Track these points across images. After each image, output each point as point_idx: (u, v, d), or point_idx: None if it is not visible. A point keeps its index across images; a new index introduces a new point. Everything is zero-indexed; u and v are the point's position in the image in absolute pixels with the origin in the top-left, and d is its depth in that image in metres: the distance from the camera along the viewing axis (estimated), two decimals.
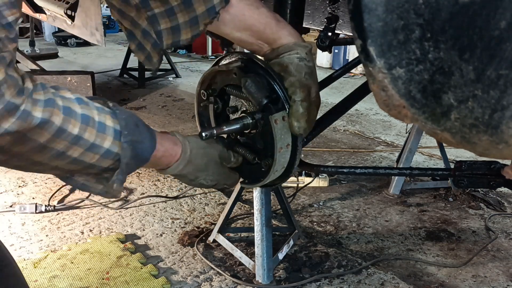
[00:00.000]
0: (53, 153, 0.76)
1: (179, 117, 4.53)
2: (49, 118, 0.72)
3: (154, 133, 0.92)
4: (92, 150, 0.79)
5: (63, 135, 0.75)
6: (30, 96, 0.71)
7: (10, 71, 0.69)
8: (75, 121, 0.76)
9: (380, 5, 0.70)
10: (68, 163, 0.79)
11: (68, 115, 0.75)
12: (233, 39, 1.04)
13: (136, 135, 0.85)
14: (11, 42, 0.71)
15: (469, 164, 1.32)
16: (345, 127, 4.37)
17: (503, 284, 2.12)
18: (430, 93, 0.73)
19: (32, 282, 1.98)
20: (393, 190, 2.98)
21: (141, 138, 0.87)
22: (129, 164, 0.85)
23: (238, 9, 0.97)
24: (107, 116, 0.81)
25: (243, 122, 1.06)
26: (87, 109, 0.78)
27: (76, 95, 0.79)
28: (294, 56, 1.01)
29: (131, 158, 0.84)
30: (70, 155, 0.78)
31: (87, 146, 0.78)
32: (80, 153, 0.78)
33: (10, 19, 0.69)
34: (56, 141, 0.75)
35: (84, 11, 3.12)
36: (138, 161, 0.88)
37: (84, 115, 0.77)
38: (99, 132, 0.79)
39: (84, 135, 0.77)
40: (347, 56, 6.85)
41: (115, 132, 0.81)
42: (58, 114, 0.73)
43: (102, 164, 0.82)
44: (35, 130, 0.71)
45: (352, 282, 2.10)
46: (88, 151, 0.79)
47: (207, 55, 7.85)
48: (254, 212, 2.07)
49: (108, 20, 8.91)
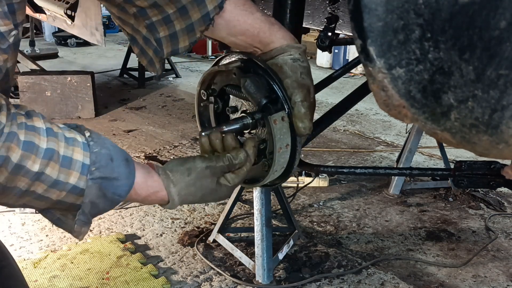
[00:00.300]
0: (16, 192, 0.71)
1: (179, 117, 4.53)
2: (5, 154, 0.67)
3: (133, 170, 0.82)
4: (56, 187, 0.73)
5: (21, 172, 0.69)
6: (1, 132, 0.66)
7: None
8: (35, 157, 0.70)
9: (380, 5, 0.70)
10: (34, 199, 0.74)
11: (28, 151, 0.69)
12: (227, 43, 1.05)
13: (108, 171, 0.77)
14: (3, 53, 0.69)
15: (469, 164, 1.32)
16: (345, 127, 4.37)
17: (503, 284, 2.12)
18: (430, 93, 0.72)
19: (32, 282, 1.98)
20: (393, 190, 2.98)
21: (115, 174, 0.78)
22: (95, 203, 0.77)
23: (232, 14, 0.98)
24: (76, 148, 0.75)
25: (243, 122, 1.06)
26: (53, 141, 0.72)
27: (47, 125, 0.73)
28: (287, 57, 1.01)
29: (97, 197, 0.77)
30: (34, 191, 0.72)
31: (50, 182, 0.72)
32: (44, 189, 0.73)
33: (2, 29, 0.69)
34: (15, 179, 0.70)
35: (84, 11, 3.12)
36: (108, 201, 0.79)
37: (48, 150, 0.71)
38: (63, 167, 0.73)
39: (46, 171, 0.71)
40: (347, 56, 6.84)
41: (82, 167, 0.74)
42: (15, 150, 0.68)
43: (70, 200, 0.76)
44: None
45: (352, 282, 2.10)
46: (52, 188, 0.73)
47: (207, 55, 7.85)
48: (254, 212, 2.07)
49: (108, 20, 8.90)
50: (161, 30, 0.97)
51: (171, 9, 0.94)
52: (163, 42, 0.99)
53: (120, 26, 1.04)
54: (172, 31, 0.97)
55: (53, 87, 4.28)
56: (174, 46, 1.00)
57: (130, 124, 4.27)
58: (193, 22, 0.96)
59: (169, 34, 0.98)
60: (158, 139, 3.85)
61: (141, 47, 1.02)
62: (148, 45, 1.00)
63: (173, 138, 3.93)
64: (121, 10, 0.98)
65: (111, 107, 4.75)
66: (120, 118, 4.45)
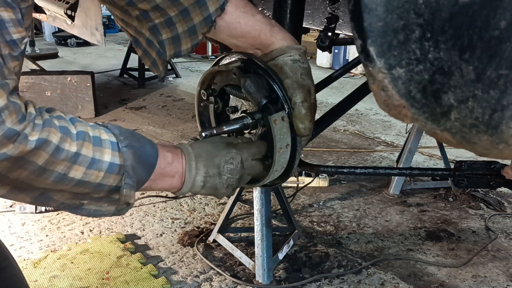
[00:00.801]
0: (55, 176, 0.74)
1: (179, 117, 4.53)
2: (46, 138, 0.70)
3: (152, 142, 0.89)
4: (93, 166, 0.76)
5: (61, 154, 0.72)
6: (33, 121, 0.70)
7: (13, 98, 0.68)
8: (71, 140, 0.74)
9: (380, 5, 0.70)
10: (74, 186, 0.77)
11: (65, 134, 0.73)
12: (228, 44, 1.06)
13: (134, 141, 0.83)
14: (14, 60, 0.70)
15: (469, 164, 1.32)
16: (345, 127, 4.37)
17: (503, 284, 2.12)
18: (430, 93, 0.73)
19: (32, 282, 1.98)
20: (393, 190, 2.98)
21: (140, 143, 0.84)
22: (135, 167, 0.81)
23: (233, 16, 0.99)
24: (101, 130, 0.80)
25: (243, 122, 1.06)
26: (81, 126, 0.77)
27: (69, 116, 0.78)
28: (287, 58, 1.02)
29: (134, 161, 0.81)
30: (73, 177, 0.75)
31: (87, 163, 0.75)
32: (83, 172, 0.76)
33: (15, 37, 0.70)
34: (55, 162, 0.72)
35: (84, 11, 3.12)
36: (144, 165, 0.84)
37: (80, 132, 0.76)
38: (95, 146, 0.77)
39: (82, 151, 0.75)
40: (347, 56, 6.84)
41: (112, 144, 0.79)
42: (55, 133, 0.72)
43: (108, 181, 0.79)
44: (33, 152, 0.69)
45: (352, 282, 2.10)
46: (90, 169, 0.76)
47: (207, 55, 7.85)
48: (254, 212, 2.07)
49: (108, 20, 8.90)
50: (163, 32, 0.98)
51: (173, 12, 0.95)
52: (166, 45, 1.00)
53: (123, 28, 1.04)
54: (174, 33, 0.98)
55: (53, 87, 4.28)
56: (176, 48, 1.00)
57: (130, 124, 4.27)
58: (195, 24, 0.96)
59: (172, 37, 0.98)
60: (158, 139, 3.84)
61: (144, 49, 1.03)
62: (151, 47, 1.01)
63: (173, 138, 3.93)
64: (124, 12, 0.99)
65: (111, 107, 4.75)
66: (120, 118, 4.45)
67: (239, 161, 0.96)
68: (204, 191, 0.94)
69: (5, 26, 0.68)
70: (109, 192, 0.81)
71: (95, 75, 4.51)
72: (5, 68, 0.68)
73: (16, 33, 0.70)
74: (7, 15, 0.68)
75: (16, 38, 0.70)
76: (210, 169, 0.93)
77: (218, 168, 0.93)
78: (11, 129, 0.67)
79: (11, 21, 0.69)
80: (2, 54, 0.68)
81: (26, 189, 0.76)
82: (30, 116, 0.70)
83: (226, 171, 0.94)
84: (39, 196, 0.77)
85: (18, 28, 0.70)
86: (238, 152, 0.96)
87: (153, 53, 1.02)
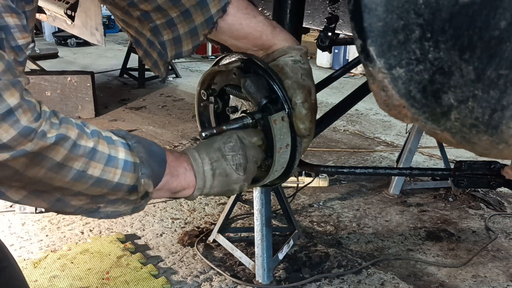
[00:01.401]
0: (73, 174, 0.73)
1: (179, 117, 4.53)
2: (65, 134, 0.70)
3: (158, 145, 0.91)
4: (110, 164, 0.76)
5: (79, 149, 0.72)
6: (49, 118, 0.70)
7: (27, 96, 0.68)
8: (87, 137, 0.74)
9: (380, 5, 0.70)
10: (91, 185, 0.76)
11: (81, 131, 0.74)
12: (229, 45, 1.06)
13: (141, 140, 0.84)
14: (19, 66, 0.70)
15: (469, 164, 1.32)
16: (345, 127, 4.37)
17: (503, 284, 2.12)
18: (430, 93, 0.73)
19: (32, 282, 1.98)
20: (393, 190, 2.99)
21: (147, 142, 0.85)
22: (148, 161, 0.82)
23: (235, 18, 0.99)
24: (109, 133, 0.81)
25: (243, 122, 1.06)
26: (93, 126, 0.78)
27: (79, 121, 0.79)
28: (288, 58, 1.02)
29: (146, 154, 0.82)
30: (92, 174, 0.75)
31: (105, 159, 0.75)
32: (101, 170, 0.75)
33: (20, 43, 0.70)
34: (73, 158, 0.72)
35: (84, 11, 3.12)
36: (156, 158, 0.85)
37: (94, 130, 0.77)
38: (109, 144, 0.77)
39: (98, 148, 0.75)
40: (347, 56, 6.84)
41: (122, 144, 0.80)
42: (73, 129, 0.72)
43: (126, 180, 0.79)
44: (51, 147, 0.69)
45: (352, 282, 2.11)
46: (108, 166, 0.76)
47: (207, 55, 7.85)
48: (254, 212, 2.07)
49: (108, 20, 8.91)
50: (165, 33, 0.98)
51: (174, 13, 0.95)
52: (167, 46, 0.99)
53: (123, 28, 1.04)
54: (175, 34, 0.98)
55: (53, 87, 4.28)
56: (177, 49, 1.00)
57: (130, 124, 4.27)
58: (197, 25, 0.96)
59: (173, 38, 0.98)
60: (158, 139, 3.84)
61: (145, 49, 1.03)
62: (152, 48, 1.01)
63: (173, 138, 3.93)
64: (125, 13, 0.99)
65: (111, 107, 4.75)
66: (120, 118, 4.45)
67: (235, 138, 0.97)
68: (217, 183, 0.95)
69: (10, 32, 0.68)
70: (126, 192, 0.81)
71: (95, 75, 4.51)
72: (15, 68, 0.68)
73: (22, 39, 0.70)
74: (12, 20, 0.68)
75: (21, 43, 0.70)
76: (213, 154, 0.94)
77: (220, 151, 0.94)
78: (27, 127, 0.66)
79: (16, 27, 0.68)
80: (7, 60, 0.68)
81: (43, 194, 0.75)
82: (45, 114, 0.69)
83: (227, 150, 0.95)
84: (55, 202, 0.77)
85: (23, 34, 0.70)
86: (233, 132, 0.99)
87: (154, 54, 1.02)
